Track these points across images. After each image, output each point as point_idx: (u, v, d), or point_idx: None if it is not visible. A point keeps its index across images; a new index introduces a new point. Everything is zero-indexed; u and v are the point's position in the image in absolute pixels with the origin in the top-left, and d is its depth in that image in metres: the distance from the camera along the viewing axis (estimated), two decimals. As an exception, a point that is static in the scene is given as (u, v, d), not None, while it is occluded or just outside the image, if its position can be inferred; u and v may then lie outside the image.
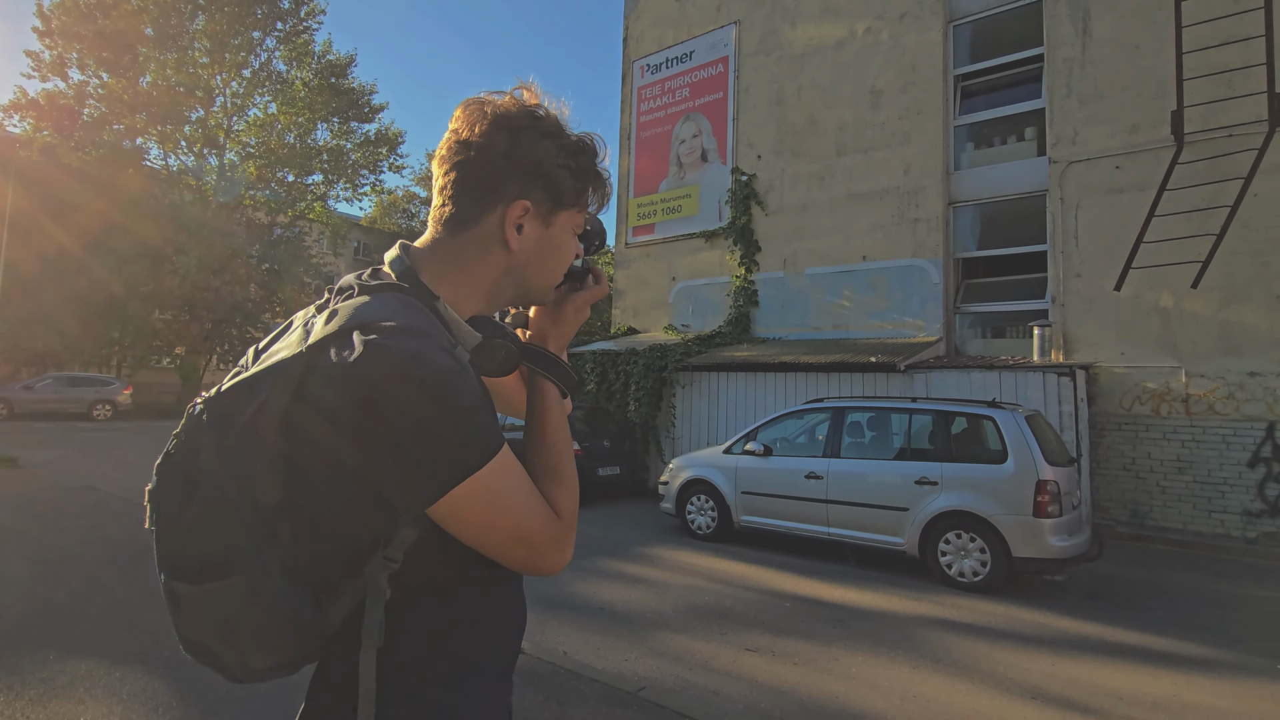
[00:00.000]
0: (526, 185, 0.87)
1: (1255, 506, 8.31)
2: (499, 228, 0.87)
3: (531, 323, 1.01)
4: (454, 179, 0.87)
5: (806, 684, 3.98)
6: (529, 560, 0.81)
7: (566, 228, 0.93)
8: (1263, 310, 8.29)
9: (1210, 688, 4.11)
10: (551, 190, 0.89)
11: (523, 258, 0.90)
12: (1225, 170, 8.11)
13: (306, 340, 0.74)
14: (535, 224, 0.89)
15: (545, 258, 0.92)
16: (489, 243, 0.88)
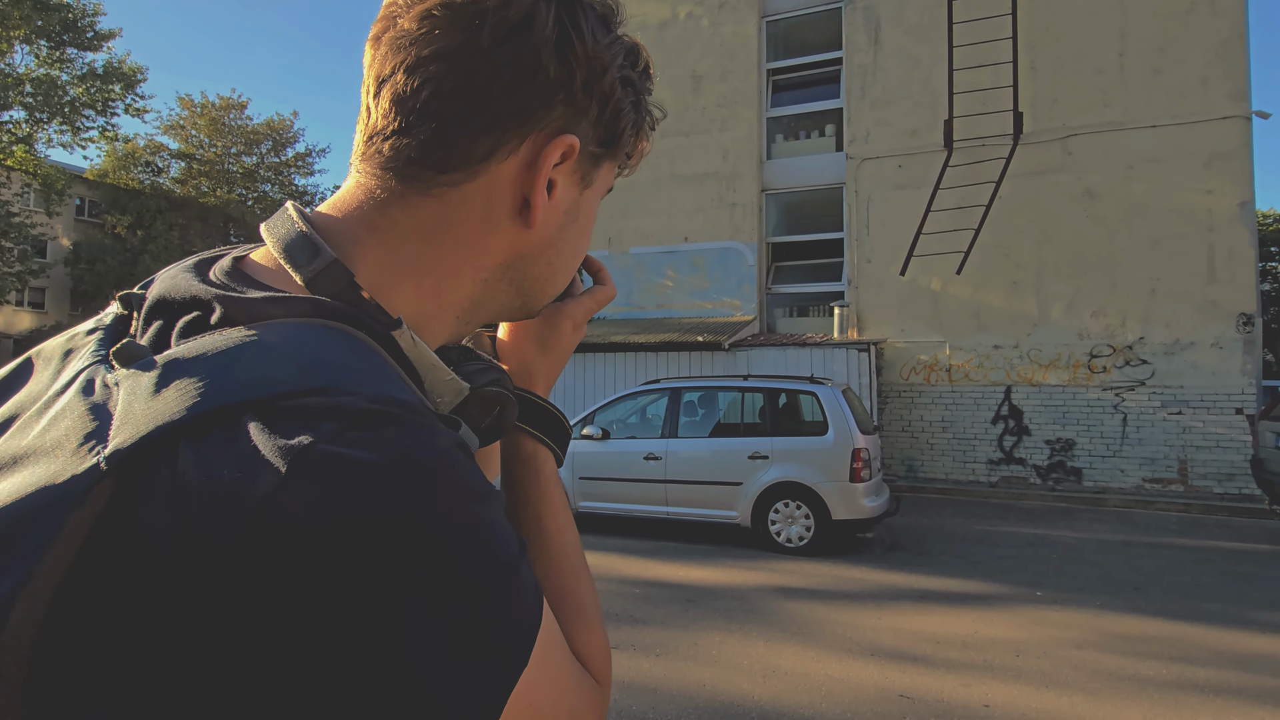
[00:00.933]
0: (576, 109, 0.47)
1: (996, 456, 10.04)
2: (516, 183, 0.46)
3: (505, 348, 0.63)
4: (436, 80, 0.44)
5: (674, 676, 3.93)
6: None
7: (601, 191, 0.55)
8: (1004, 294, 9.95)
9: (998, 620, 4.79)
10: (609, 121, 0.49)
11: (542, 240, 0.49)
12: (982, 174, 9.55)
13: (104, 441, 0.33)
14: (571, 181, 0.49)
15: (570, 241, 0.52)
16: (491, 210, 0.47)
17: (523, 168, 0.46)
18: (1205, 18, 9.08)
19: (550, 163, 0.46)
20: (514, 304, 0.53)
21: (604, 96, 0.48)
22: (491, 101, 0.44)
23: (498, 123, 0.44)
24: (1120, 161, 9.36)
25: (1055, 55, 9.69)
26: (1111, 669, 4.03)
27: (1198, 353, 9.01)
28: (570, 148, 0.46)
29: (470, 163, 0.44)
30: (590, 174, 0.51)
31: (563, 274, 0.54)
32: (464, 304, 0.49)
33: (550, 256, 0.51)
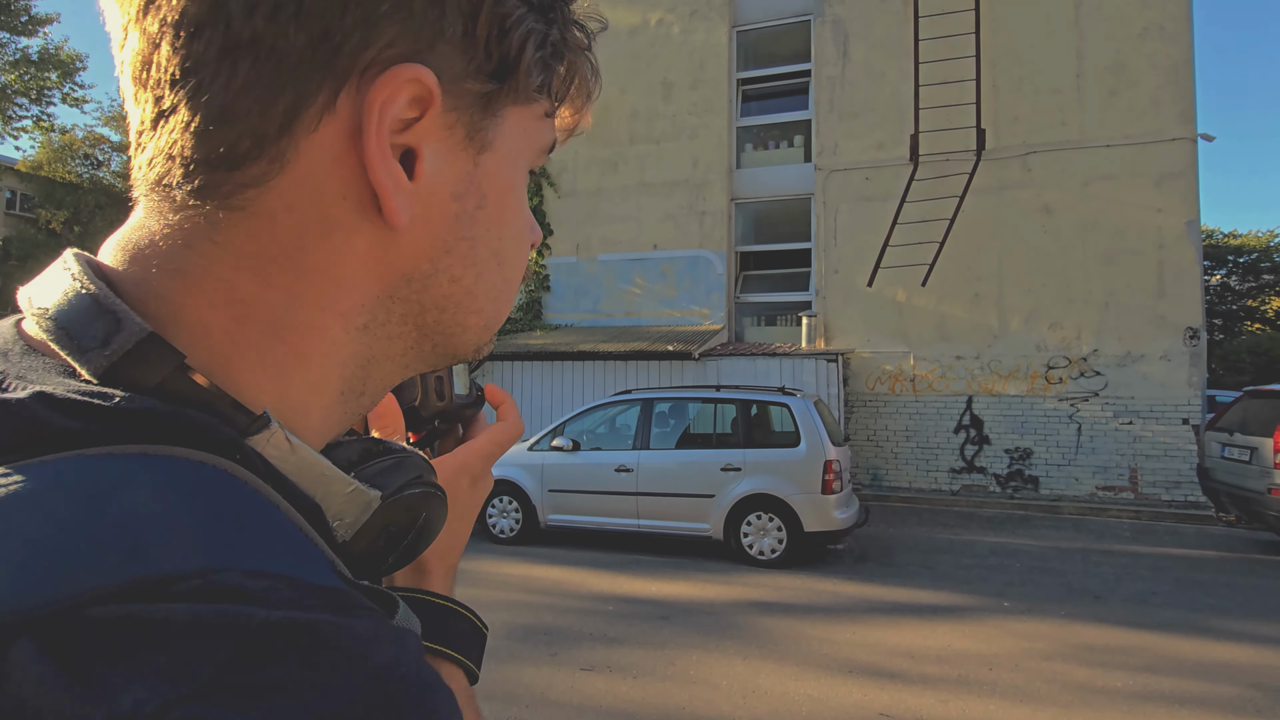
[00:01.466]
0: (418, 24, 0.29)
1: (958, 464, 10.24)
2: (348, 162, 0.29)
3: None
4: (176, 20, 0.27)
5: (651, 699, 3.84)
6: None
7: (524, 153, 0.36)
8: (966, 305, 10.17)
9: (971, 634, 4.84)
10: (491, 35, 0.31)
11: (428, 244, 0.33)
12: (946, 189, 9.75)
13: None
14: (450, 143, 0.32)
15: (482, 237, 0.34)
16: (327, 212, 0.30)
17: (350, 134, 0.29)
18: (1156, 43, 9.47)
19: (383, 115, 0.28)
20: (421, 350, 0.35)
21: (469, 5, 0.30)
22: (265, 33, 0.27)
23: (287, 69, 0.27)
24: (1077, 179, 9.68)
25: (1016, 74, 9.97)
26: (1080, 681, 4.09)
27: (1147, 365, 9.36)
28: (420, 85, 0.29)
29: (265, 142, 0.28)
30: (484, 127, 0.32)
31: (485, 295, 0.35)
32: (345, 370, 0.32)
33: (452, 268, 0.33)
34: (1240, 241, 28.57)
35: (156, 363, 0.26)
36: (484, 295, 0.35)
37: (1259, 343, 19.45)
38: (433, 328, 0.34)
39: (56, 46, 23.55)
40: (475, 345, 0.38)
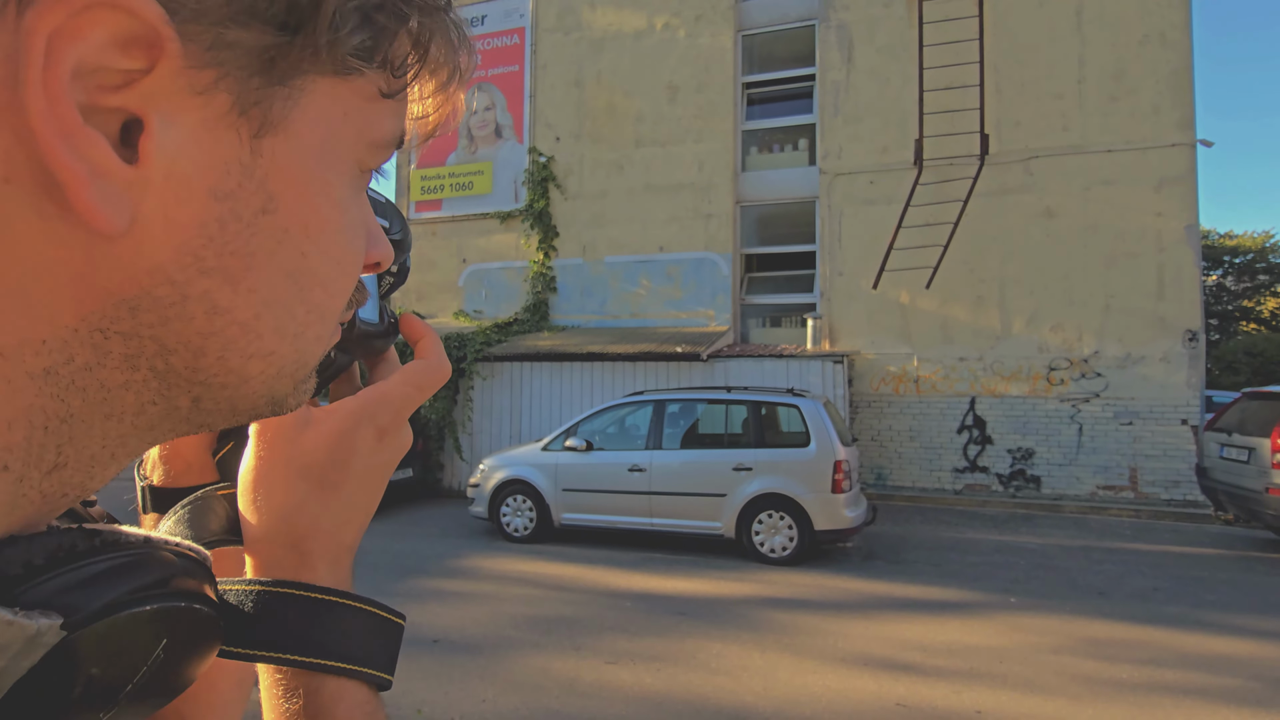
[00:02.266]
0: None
1: (961, 464, 10.39)
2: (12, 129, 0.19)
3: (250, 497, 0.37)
4: None
5: (677, 688, 3.96)
6: None
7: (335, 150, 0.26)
8: (969, 308, 10.32)
9: (980, 628, 4.98)
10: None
11: (166, 264, 0.22)
12: (950, 193, 9.90)
13: None
14: (210, 118, 0.22)
15: (266, 250, 0.24)
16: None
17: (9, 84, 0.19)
18: (1156, 49, 9.63)
19: (57, 55, 0.18)
20: (174, 404, 0.25)
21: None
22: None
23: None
24: (1078, 183, 9.83)
25: (1019, 80, 10.12)
26: (1088, 673, 4.23)
27: (1147, 366, 9.52)
28: (133, 21, 0.19)
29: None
30: (265, 98, 0.23)
31: (273, 327, 0.26)
32: (7, 434, 0.21)
33: (213, 293, 0.24)
34: (1236, 242, 28.81)
35: None
36: (272, 332, 0.26)
37: (1255, 343, 19.67)
38: (185, 375, 0.24)
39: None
40: (269, 396, 0.28)
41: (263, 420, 0.36)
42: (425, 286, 13.52)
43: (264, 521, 0.36)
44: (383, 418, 0.38)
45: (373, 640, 0.37)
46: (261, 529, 0.36)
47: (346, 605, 0.36)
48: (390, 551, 7.01)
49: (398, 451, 0.40)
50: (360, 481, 0.38)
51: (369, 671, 0.36)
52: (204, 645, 0.29)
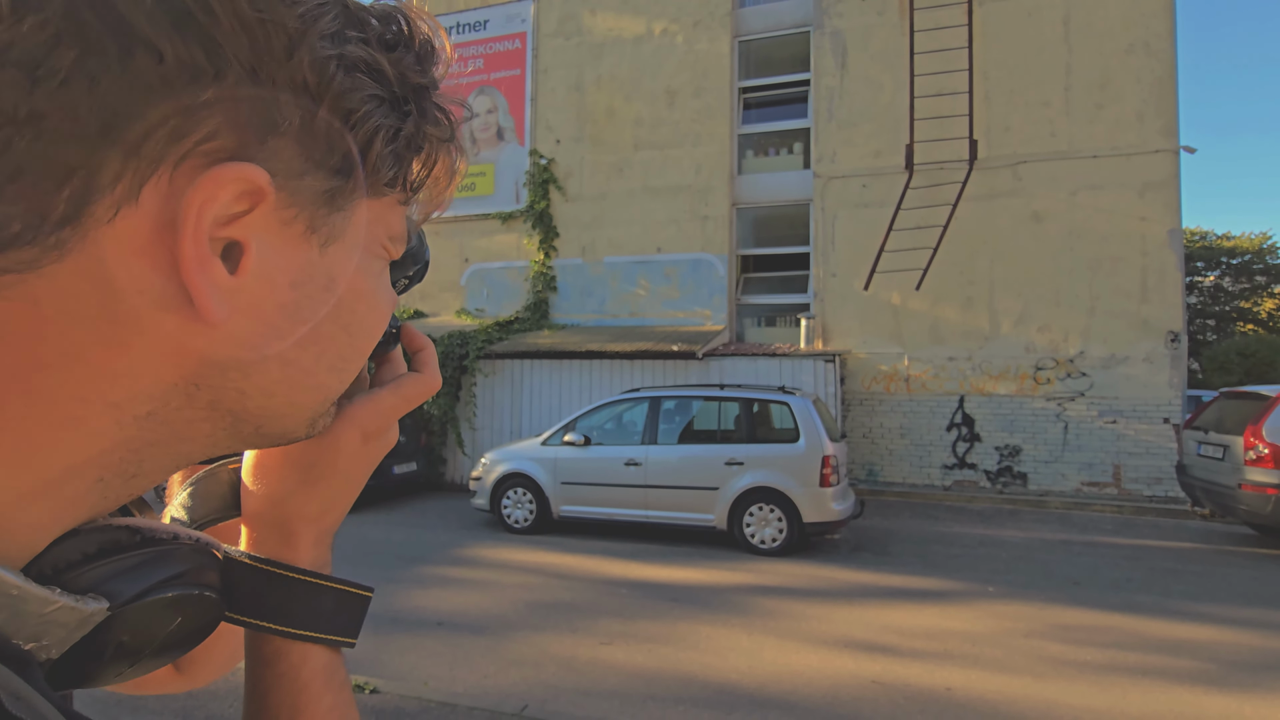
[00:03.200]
0: (251, 115, 0.28)
1: (950, 461, 10.66)
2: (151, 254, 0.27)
3: (250, 485, 0.43)
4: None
5: (667, 666, 4.23)
6: None
7: (379, 239, 0.36)
8: (958, 309, 10.58)
9: (957, 614, 5.25)
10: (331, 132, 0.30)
11: (249, 335, 0.30)
12: (940, 197, 10.16)
13: None
14: (289, 238, 0.31)
15: (325, 324, 0.34)
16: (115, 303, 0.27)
17: (160, 228, 0.26)
18: (1141, 58, 9.88)
19: (202, 217, 0.26)
20: (232, 433, 0.33)
21: (306, 91, 0.29)
22: (51, 113, 0.24)
23: (76, 153, 0.24)
24: (1064, 188, 10.09)
25: (1007, 87, 10.37)
26: (1055, 655, 4.50)
27: (1131, 366, 9.79)
28: (248, 184, 0.27)
29: (43, 229, 0.25)
30: (329, 222, 0.31)
31: (328, 368, 0.35)
32: (108, 458, 0.29)
33: (285, 354, 0.32)
34: (1233, 244, 29.03)
35: None
36: (326, 371, 0.35)
37: (1248, 344, 19.89)
38: (255, 412, 0.32)
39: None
40: (310, 420, 0.36)
41: None
42: (428, 285, 13.77)
43: (258, 504, 0.42)
44: (370, 424, 0.42)
45: (339, 613, 0.42)
46: (255, 509, 0.42)
47: (318, 585, 0.41)
48: (396, 541, 7.29)
49: (381, 451, 0.44)
50: (344, 477, 0.43)
51: (331, 638, 0.41)
52: (210, 622, 0.37)
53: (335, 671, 0.42)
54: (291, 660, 0.40)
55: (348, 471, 0.43)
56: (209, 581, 0.36)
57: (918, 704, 3.79)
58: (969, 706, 3.77)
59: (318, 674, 0.41)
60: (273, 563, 0.41)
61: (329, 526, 0.44)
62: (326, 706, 0.41)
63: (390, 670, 4.10)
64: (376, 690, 3.67)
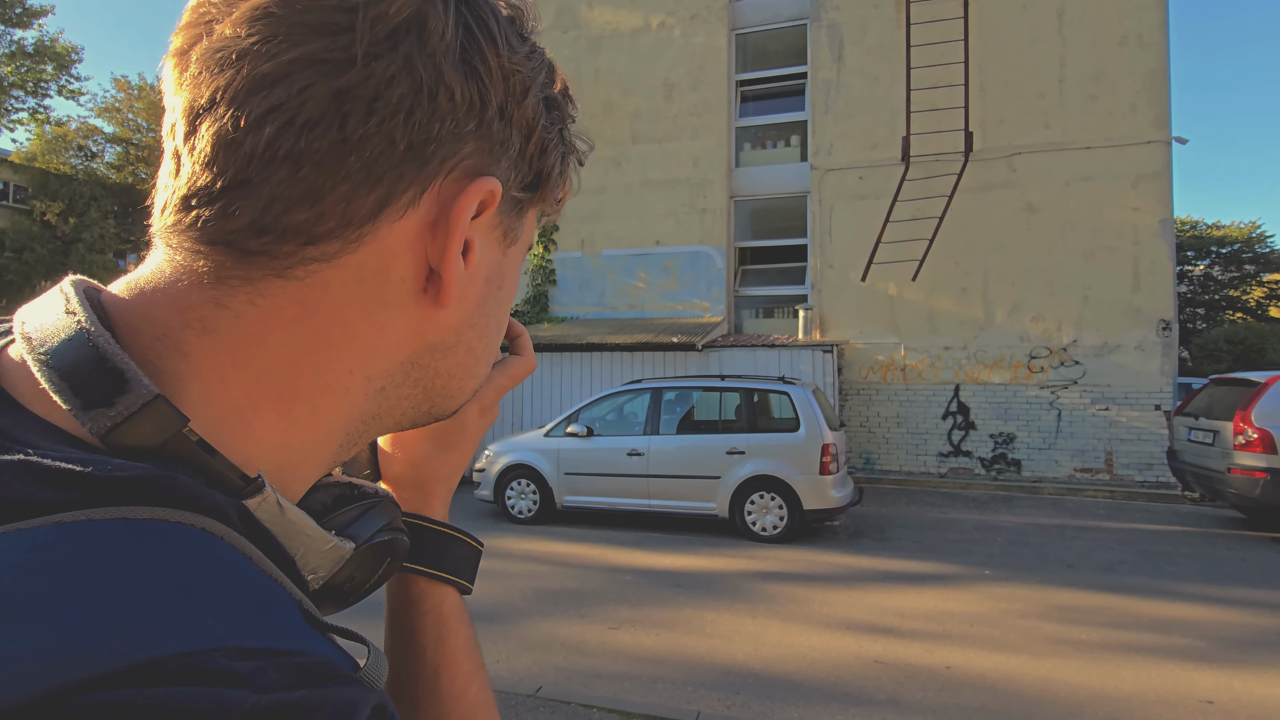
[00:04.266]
0: (492, 144, 0.35)
1: (945, 449, 10.82)
2: (417, 248, 0.34)
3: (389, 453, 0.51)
4: (288, 110, 0.30)
5: (674, 650, 4.35)
6: None
7: (526, 248, 0.44)
8: (954, 299, 10.71)
9: (955, 597, 5.39)
10: (534, 156, 0.38)
11: (459, 321, 0.38)
12: (936, 188, 10.26)
13: None
14: (493, 239, 0.38)
15: (494, 316, 0.41)
16: (386, 290, 0.34)
17: (425, 227, 0.33)
18: (1134, 50, 9.99)
19: (466, 217, 0.33)
20: (419, 410, 0.39)
21: (527, 125, 0.36)
22: (376, 134, 0.30)
23: (386, 166, 0.31)
24: (1059, 179, 10.21)
25: (1003, 79, 10.47)
26: (1050, 634, 4.64)
27: (1123, 355, 9.95)
28: (491, 195, 0.34)
29: (350, 225, 0.31)
30: (515, 227, 0.39)
31: (485, 361, 0.41)
32: (351, 426, 0.35)
33: (471, 341, 0.38)
34: (1223, 233, 29.25)
35: (158, 426, 0.27)
36: (484, 361, 0.41)
37: (1237, 332, 20.12)
38: (440, 392, 0.39)
39: (52, 39, 23.71)
40: (459, 406, 0.42)
41: None
42: (427, 279, 13.83)
43: (400, 468, 0.50)
44: (486, 399, 0.50)
45: (465, 560, 0.51)
46: (397, 472, 0.50)
47: (453, 535, 0.50)
48: (402, 533, 7.39)
49: (490, 423, 0.53)
50: (468, 444, 0.51)
51: (462, 582, 0.50)
52: (401, 561, 0.44)
53: (464, 610, 0.50)
54: (434, 599, 0.48)
55: (470, 440, 0.51)
56: (403, 527, 0.43)
57: (918, 681, 3.93)
58: (968, 684, 3.91)
59: (454, 610, 0.49)
60: (420, 517, 0.49)
61: (453, 488, 0.52)
62: (464, 636, 0.49)
63: (406, 655, 4.21)
64: (395, 674, 3.77)
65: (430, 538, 0.48)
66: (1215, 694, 3.76)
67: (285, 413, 0.32)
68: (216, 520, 0.27)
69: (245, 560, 0.27)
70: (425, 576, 0.48)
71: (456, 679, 0.48)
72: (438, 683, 0.47)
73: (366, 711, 0.24)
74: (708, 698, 3.71)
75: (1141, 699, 3.71)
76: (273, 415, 0.32)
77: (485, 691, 0.50)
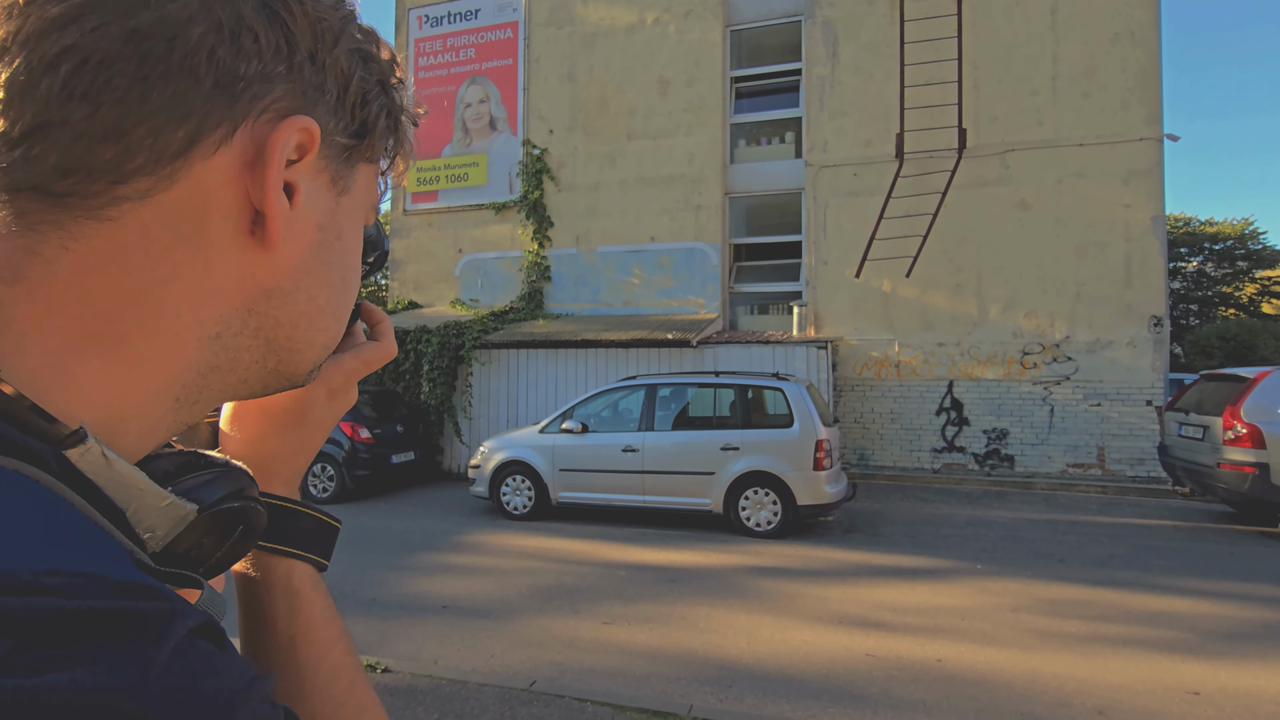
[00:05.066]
0: (305, 86, 0.36)
1: (939, 445, 10.87)
2: (236, 187, 0.34)
3: (228, 433, 0.50)
4: (82, 48, 0.30)
5: (667, 644, 4.38)
6: None
7: (364, 205, 0.43)
8: (947, 295, 10.76)
9: (947, 591, 5.43)
10: (355, 105, 0.39)
11: (293, 265, 0.38)
12: (930, 185, 10.29)
13: None
14: (320, 184, 0.38)
15: (336, 267, 0.41)
16: (207, 229, 0.34)
17: (244, 166, 0.33)
18: (1126, 48, 10.03)
19: (281, 153, 0.34)
20: (264, 366, 0.38)
21: (341, 72, 0.37)
22: (178, 70, 0.31)
23: (193, 101, 0.31)
24: (1051, 176, 10.25)
25: (996, 76, 10.50)
26: (1040, 628, 4.69)
27: (1115, 351, 10.01)
28: (308, 134, 0.35)
29: (160, 161, 0.31)
30: (345, 175, 0.40)
31: (331, 314, 0.41)
32: (186, 377, 0.34)
33: (311, 289, 0.38)
34: (1216, 229, 29.41)
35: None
36: (331, 313, 0.41)
37: (1229, 328, 20.27)
38: (283, 343, 0.38)
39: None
40: (313, 365, 0.42)
41: None
42: (422, 276, 13.81)
43: (237, 446, 0.50)
44: (335, 381, 0.50)
45: (317, 535, 0.50)
46: (234, 451, 0.49)
47: (297, 510, 0.50)
48: (397, 529, 7.40)
49: (344, 407, 0.52)
50: (313, 425, 0.51)
51: (312, 557, 0.50)
52: (258, 532, 0.42)
53: (319, 582, 0.50)
54: (281, 573, 0.48)
55: (317, 421, 0.50)
56: (257, 497, 0.42)
57: (910, 674, 3.97)
58: (959, 676, 3.95)
59: (305, 582, 0.49)
60: (270, 496, 0.48)
61: (299, 467, 0.51)
62: (320, 607, 0.49)
63: (399, 652, 4.22)
64: (388, 670, 3.79)
65: (274, 512, 0.47)
66: (1202, 685, 3.81)
67: (110, 360, 0.32)
68: (33, 466, 0.27)
69: (63, 501, 0.27)
70: (267, 552, 0.48)
71: (314, 646, 0.47)
72: (294, 652, 0.47)
73: (189, 624, 0.24)
74: (701, 692, 3.74)
75: (1129, 690, 3.76)
76: (97, 363, 0.31)
77: (349, 656, 0.49)
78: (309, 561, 0.49)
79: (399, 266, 14.04)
